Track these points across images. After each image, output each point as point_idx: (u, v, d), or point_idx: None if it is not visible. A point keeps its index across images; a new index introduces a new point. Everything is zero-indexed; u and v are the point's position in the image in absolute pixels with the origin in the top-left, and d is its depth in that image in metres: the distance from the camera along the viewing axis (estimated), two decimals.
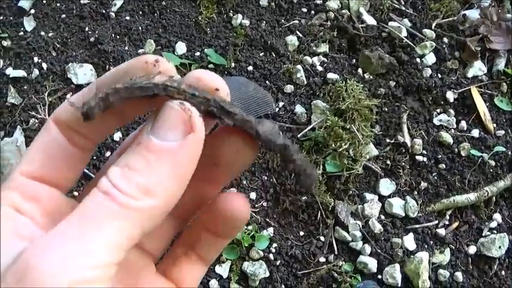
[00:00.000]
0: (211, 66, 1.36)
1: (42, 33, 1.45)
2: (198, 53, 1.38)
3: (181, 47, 1.38)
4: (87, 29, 1.43)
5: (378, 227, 1.28)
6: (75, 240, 0.33)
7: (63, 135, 0.40)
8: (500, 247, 1.30)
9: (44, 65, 1.40)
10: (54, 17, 1.47)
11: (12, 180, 0.38)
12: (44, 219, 0.37)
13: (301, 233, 1.27)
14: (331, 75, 1.36)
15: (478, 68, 1.43)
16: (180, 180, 0.37)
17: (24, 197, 0.38)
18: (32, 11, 1.48)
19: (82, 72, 1.38)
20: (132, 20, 1.42)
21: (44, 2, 1.50)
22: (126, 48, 1.39)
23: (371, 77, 1.37)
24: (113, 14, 1.43)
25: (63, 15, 1.47)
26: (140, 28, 1.41)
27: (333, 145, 1.27)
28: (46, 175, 0.39)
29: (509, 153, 1.36)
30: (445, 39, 1.44)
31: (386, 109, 1.35)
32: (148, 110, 0.40)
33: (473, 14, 1.46)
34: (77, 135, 0.40)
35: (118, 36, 1.41)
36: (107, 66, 1.37)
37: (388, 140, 1.33)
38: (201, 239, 0.45)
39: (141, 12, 1.43)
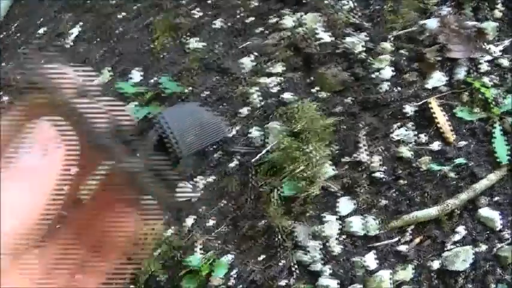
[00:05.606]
0: (167, 93, 1.36)
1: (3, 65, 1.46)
2: (153, 80, 1.38)
3: (136, 75, 1.38)
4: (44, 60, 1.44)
5: (337, 248, 1.27)
6: None
7: None
8: (464, 260, 1.29)
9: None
10: (15, 49, 1.48)
11: None
12: None
13: (261, 258, 1.28)
14: (286, 96, 1.35)
15: (437, 79, 1.41)
16: (38, 197, 0.35)
17: None
18: None
19: None
20: (89, 49, 1.43)
21: (4, 33, 1.51)
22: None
23: (327, 95, 1.36)
24: (70, 44, 1.44)
25: (23, 47, 1.48)
26: (96, 57, 1.42)
27: (289, 167, 1.27)
28: None
29: (471, 164, 1.34)
30: (403, 51, 1.42)
31: (343, 127, 1.34)
32: None
33: (432, 23, 1.44)
34: None
35: None
36: None
37: (345, 159, 1.32)
38: None
39: (96, 41, 1.43)
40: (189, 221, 1.30)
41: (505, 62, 1.45)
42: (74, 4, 1.47)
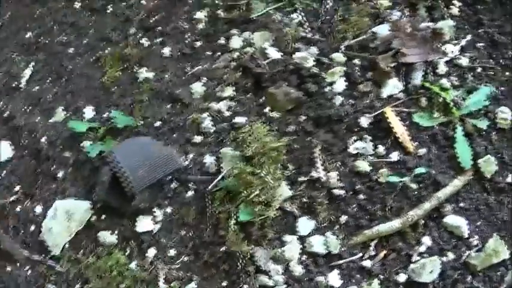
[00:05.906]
0: (119, 126, 1.36)
1: None
2: (106, 115, 1.38)
3: (89, 111, 1.39)
4: (0, 104, 1.45)
5: (299, 269, 1.26)
6: None
7: None
8: (431, 271, 1.26)
9: None
10: None
11: None
12: None
13: (224, 284, 1.27)
14: (238, 119, 1.34)
15: (393, 86, 1.37)
16: None
17: None
18: None
19: (1, 150, 1.40)
20: (42, 89, 1.44)
21: None
22: (38, 118, 1.41)
23: (279, 114, 1.34)
24: (23, 86, 1.45)
25: None
26: (50, 96, 1.43)
27: (244, 192, 1.26)
28: None
29: (433, 172, 1.31)
30: (356, 61, 1.39)
31: (297, 146, 1.32)
32: None
33: (383, 29, 1.40)
34: None
35: (29, 108, 1.43)
36: (21, 142, 1.39)
37: (302, 178, 1.31)
38: None
39: (49, 80, 1.44)
40: (151, 252, 1.30)
41: (464, 62, 1.41)
42: (25, 44, 1.48)
